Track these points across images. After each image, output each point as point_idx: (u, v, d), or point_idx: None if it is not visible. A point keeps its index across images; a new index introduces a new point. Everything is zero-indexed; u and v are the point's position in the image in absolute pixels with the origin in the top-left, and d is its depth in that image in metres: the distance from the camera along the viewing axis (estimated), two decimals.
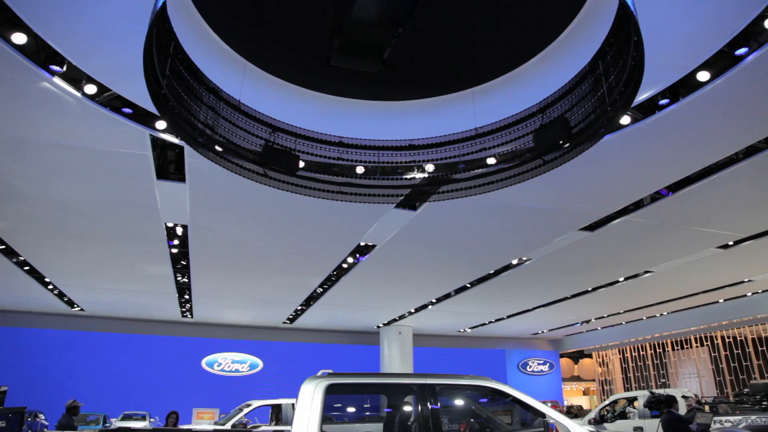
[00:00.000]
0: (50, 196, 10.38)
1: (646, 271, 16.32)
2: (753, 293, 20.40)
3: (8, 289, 18.81)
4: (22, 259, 14.88)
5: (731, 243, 13.49)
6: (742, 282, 18.26)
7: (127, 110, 7.59)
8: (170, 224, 12.05)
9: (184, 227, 12.16)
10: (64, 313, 23.35)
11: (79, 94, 7.13)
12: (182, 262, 14.91)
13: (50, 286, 18.32)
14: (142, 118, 7.75)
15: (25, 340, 23.57)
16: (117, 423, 19.72)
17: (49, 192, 10.22)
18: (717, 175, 9.47)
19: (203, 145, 6.71)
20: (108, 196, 10.35)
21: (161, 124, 7.83)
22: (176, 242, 13.16)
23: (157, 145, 8.66)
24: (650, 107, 7.54)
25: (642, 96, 7.16)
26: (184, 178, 9.50)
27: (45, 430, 18.26)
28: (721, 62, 6.58)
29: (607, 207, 11.01)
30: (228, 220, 11.62)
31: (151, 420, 20.89)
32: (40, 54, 6.54)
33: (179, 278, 16.73)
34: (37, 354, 23.58)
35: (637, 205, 11.04)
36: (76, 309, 22.59)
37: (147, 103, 7.13)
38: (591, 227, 12.12)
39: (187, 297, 19.54)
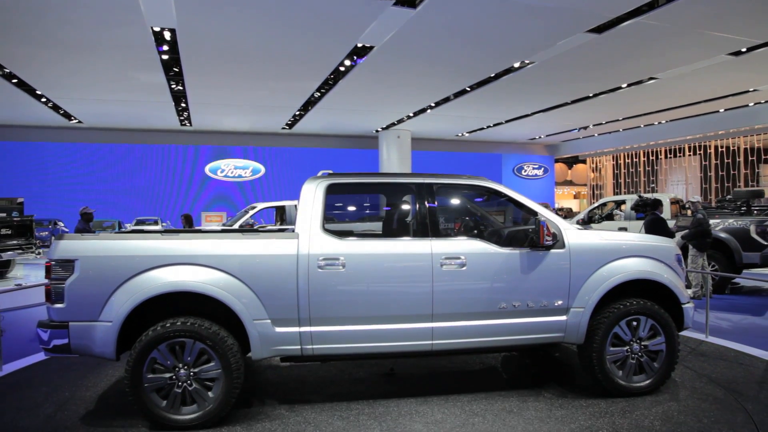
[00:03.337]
0: None
1: (651, 78, 15.96)
2: (755, 103, 20.26)
3: (2, 103, 18.54)
4: (8, 71, 14.43)
5: (744, 50, 12.99)
6: (746, 92, 18.01)
7: None
8: (157, 28, 11.44)
9: (172, 31, 11.57)
10: (62, 125, 23.35)
11: None
12: (174, 69, 14.46)
13: (43, 99, 18.06)
14: None
15: (32, 153, 24.12)
16: (131, 227, 20.85)
17: None
18: None
19: None
20: None
21: None
22: (165, 48, 12.62)
23: None
24: None
25: None
26: None
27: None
28: None
29: (619, 6, 10.34)
30: (217, 21, 10.99)
31: (163, 224, 22.06)
32: None
33: (173, 86, 16.38)
34: (46, 167, 24.31)
35: (651, 6, 10.35)
36: (74, 121, 22.53)
37: None
38: (599, 29, 11.53)
39: (183, 105, 19.36)
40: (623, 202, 14.37)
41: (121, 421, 4.23)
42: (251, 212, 13.28)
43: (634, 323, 4.71)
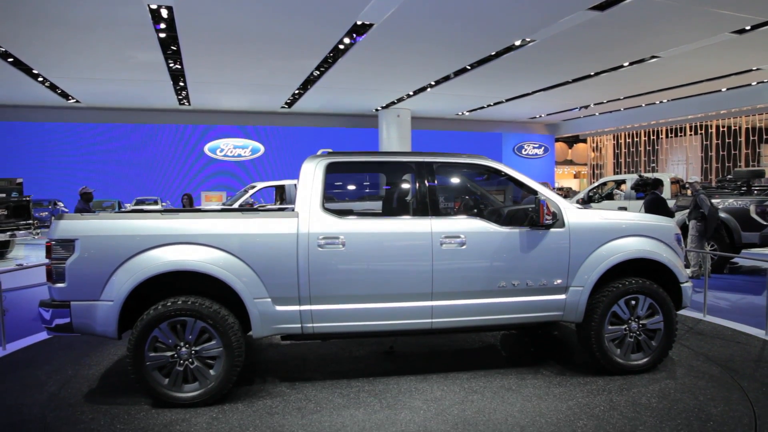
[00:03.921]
0: None
1: (653, 56, 15.81)
2: (758, 83, 20.09)
3: None
4: (3, 50, 14.28)
5: (748, 28, 12.85)
6: (750, 71, 17.83)
7: None
8: (153, 6, 11.30)
9: (169, 9, 11.43)
10: (60, 105, 23.18)
11: None
12: (172, 47, 14.31)
13: (40, 79, 17.90)
14: None
15: (30, 133, 23.96)
16: (131, 207, 20.81)
17: None
18: None
19: None
20: None
21: None
22: (163, 26, 12.48)
23: None
24: None
25: None
26: None
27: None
28: None
29: None
30: None
31: (163, 204, 22.01)
32: None
33: (171, 65, 16.24)
34: (45, 147, 24.20)
35: None
36: (72, 101, 22.36)
37: None
38: (601, 6, 11.40)
39: (182, 84, 19.20)
40: (623, 181, 14.34)
41: (124, 399, 4.28)
42: (251, 192, 13.28)
43: (633, 302, 4.73)
